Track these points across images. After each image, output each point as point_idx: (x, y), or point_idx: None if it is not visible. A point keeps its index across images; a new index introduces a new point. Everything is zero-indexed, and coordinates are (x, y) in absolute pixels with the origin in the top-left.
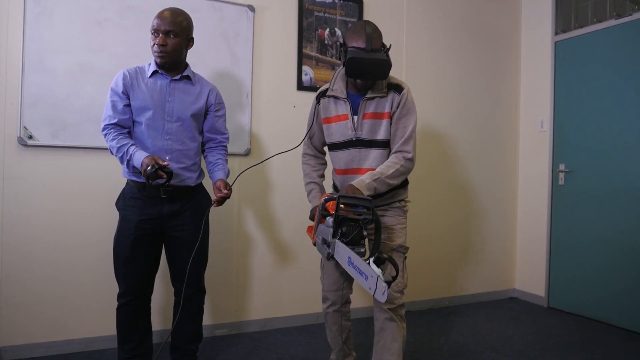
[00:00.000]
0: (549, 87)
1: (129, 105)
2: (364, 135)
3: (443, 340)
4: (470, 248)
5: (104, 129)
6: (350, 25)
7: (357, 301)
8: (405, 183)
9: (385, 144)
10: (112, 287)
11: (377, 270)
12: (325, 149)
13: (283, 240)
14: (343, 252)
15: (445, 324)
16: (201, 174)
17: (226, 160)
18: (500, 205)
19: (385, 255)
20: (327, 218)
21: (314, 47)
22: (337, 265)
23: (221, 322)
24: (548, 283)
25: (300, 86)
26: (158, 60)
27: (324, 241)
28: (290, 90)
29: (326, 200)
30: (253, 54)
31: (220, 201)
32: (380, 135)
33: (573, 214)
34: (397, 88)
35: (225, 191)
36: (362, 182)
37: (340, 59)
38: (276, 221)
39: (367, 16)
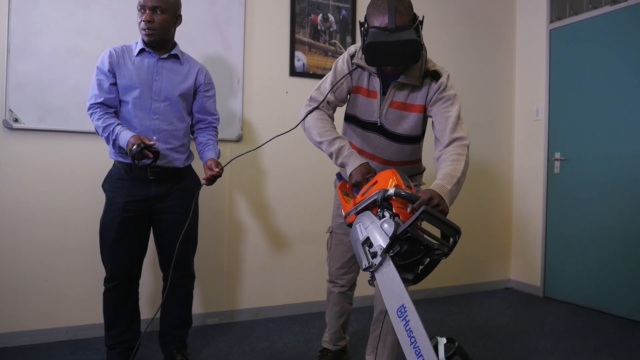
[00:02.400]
0: (544, 75)
1: (115, 84)
2: (387, 124)
3: (437, 329)
4: (465, 237)
5: (89, 108)
6: None
7: (362, 289)
8: (422, 169)
9: (408, 140)
10: (100, 275)
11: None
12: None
13: (276, 229)
14: (395, 286)
15: (440, 313)
16: (190, 155)
17: (217, 141)
18: (496, 194)
19: (461, 350)
20: (386, 220)
21: (306, 32)
22: (346, 249)
23: (212, 311)
24: (544, 273)
25: (293, 72)
26: (145, 38)
27: (369, 244)
28: (282, 76)
29: (396, 194)
30: (245, 39)
31: (211, 180)
32: (405, 130)
33: (569, 203)
34: (435, 75)
35: (217, 169)
36: (444, 188)
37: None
38: (269, 209)
39: (360, 2)
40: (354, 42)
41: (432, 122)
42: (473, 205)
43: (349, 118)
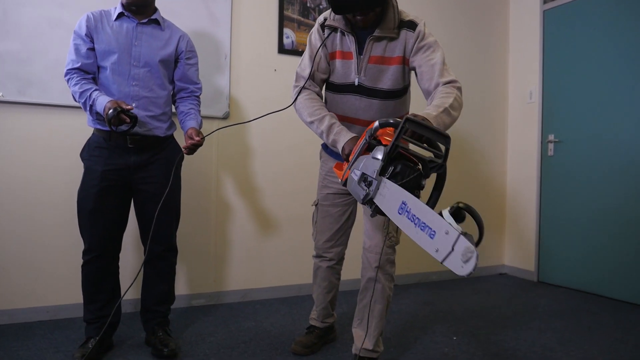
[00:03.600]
0: (537, 57)
1: (93, 49)
2: (367, 81)
3: (429, 310)
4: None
5: (66, 74)
6: None
7: (347, 273)
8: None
9: (389, 95)
10: (80, 252)
11: (456, 226)
12: None
13: (264, 209)
14: (394, 195)
15: (432, 295)
16: (172, 125)
17: (199, 111)
18: (490, 177)
19: (463, 205)
20: (377, 149)
21: (295, 9)
22: (333, 220)
23: (198, 292)
24: (538, 257)
25: (282, 49)
26: (124, 1)
27: (364, 178)
28: (271, 54)
29: (382, 125)
30: (232, 15)
31: (191, 149)
32: (386, 84)
33: (562, 186)
34: (410, 25)
35: (197, 138)
36: (429, 114)
37: None
38: (257, 188)
39: None
40: None
41: (417, 74)
42: (466, 189)
43: (329, 86)
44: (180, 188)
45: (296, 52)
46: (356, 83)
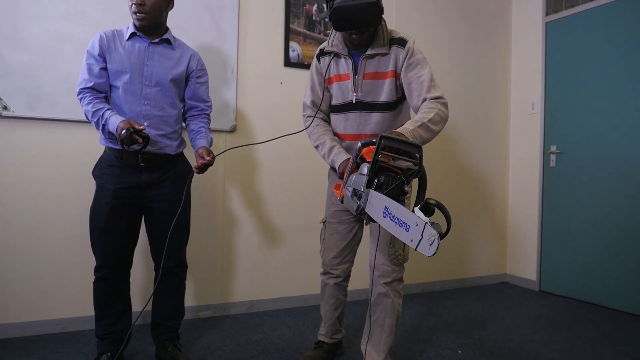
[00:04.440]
0: (539, 68)
1: (105, 68)
2: (364, 97)
3: (434, 321)
4: (461, 232)
5: (79, 93)
6: None
7: (355, 283)
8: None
9: (388, 107)
10: (91, 265)
11: (424, 218)
12: None
13: (270, 221)
14: (378, 202)
15: (436, 306)
16: (182, 142)
17: (209, 129)
18: (492, 187)
19: (433, 201)
20: (362, 166)
21: (301, 22)
22: (340, 238)
23: (205, 304)
24: (539, 267)
25: (288, 62)
26: (137, 22)
27: (355, 193)
28: (277, 67)
29: (364, 144)
30: (239, 29)
31: (202, 169)
32: (382, 97)
33: (564, 196)
34: (400, 42)
35: (208, 158)
36: (405, 129)
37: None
38: (263, 201)
39: None
40: None
41: (407, 92)
42: (469, 199)
43: (332, 109)
44: (190, 205)
45: (302, 65)
46: (354, 100)
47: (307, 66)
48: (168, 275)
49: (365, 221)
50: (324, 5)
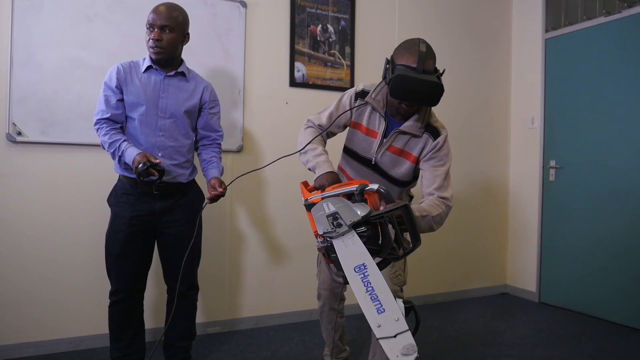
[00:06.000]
0: (539, 84)
1: (122, 100)
2: (382, 165)
3: (436, 336)
4: (462, 244)
5: (96, 124)
6: (402, 42)
7: (353, 297)
8: (412, 197)
9: (400, 183)
10: (102, 286)
11: (403, 319)
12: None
13: (276, 238)
14: (357, 252)
15: (438, 319)
16: (194, 170)
17: (220, 158)
18: (492, 201)
19: (412, 303)
20: (362, 204)
21: (306, 43)
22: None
23: (213, 320)
24: (539, 279)
25: (293, 82)
26: (153, 56)
27: (335, 217)
28: (282, 87)
29: (379, 192)
30: (245, 50)
31: (214, 199)
32: (398, 175)
33: (564, 210)
34: (434, 133)
35: (220, 189)
36: (421, 210)
37: (385, 77)
38: (269, 219)
39: (359, 13)
40: (352, 52)
41: (422, 174)
42: (470, 212)
43: (347, 151)
44: (202, 229)
45: (307, 84)
46: (373, 162)
47: (311, 86)
48: (181, 297)
49: (320, 247)
50: (385, 68)
